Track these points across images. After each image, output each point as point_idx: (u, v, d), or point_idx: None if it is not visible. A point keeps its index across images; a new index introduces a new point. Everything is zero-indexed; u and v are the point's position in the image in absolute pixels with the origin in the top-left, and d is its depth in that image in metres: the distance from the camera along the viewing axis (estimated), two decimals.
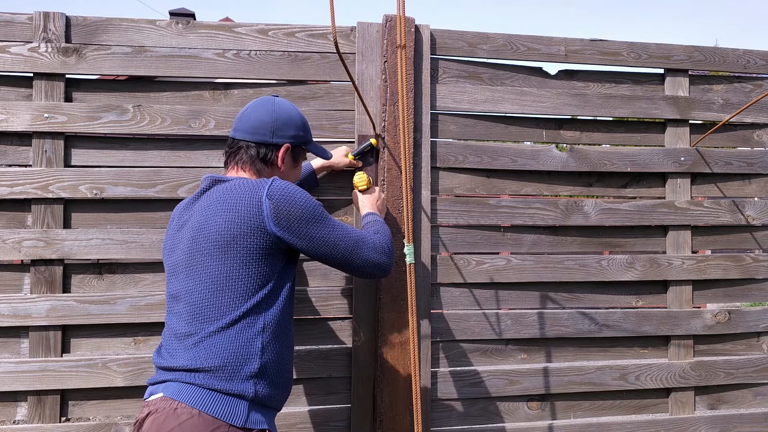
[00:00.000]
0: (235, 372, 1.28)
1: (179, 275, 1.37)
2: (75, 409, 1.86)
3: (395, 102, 1.95)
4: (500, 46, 2.08)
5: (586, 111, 2.14)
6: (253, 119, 1.46)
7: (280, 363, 1.37)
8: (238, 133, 1.47)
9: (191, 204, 1.44)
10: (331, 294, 1.96)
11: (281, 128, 1.47)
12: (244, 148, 1.46)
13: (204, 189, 1.43)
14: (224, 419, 1.23)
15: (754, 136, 2.27)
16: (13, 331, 1.84)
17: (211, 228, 1.32)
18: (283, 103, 1.52)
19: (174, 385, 1.27)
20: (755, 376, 2.21)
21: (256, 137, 1.45)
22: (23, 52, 1.84)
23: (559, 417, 2.10)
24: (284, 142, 1.48)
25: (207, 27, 1.94)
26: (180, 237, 1.40)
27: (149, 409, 1.26)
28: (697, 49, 2.21)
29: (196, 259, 1.33)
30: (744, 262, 2.23)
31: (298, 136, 1.51)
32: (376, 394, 1.93)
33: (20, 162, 1.86)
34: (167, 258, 1.43)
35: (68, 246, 1.84)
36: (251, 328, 1.31)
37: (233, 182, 1.38)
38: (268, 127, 1.46)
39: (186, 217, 1.42)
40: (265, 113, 1.47)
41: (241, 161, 1.46)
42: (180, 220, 1.44)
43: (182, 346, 1.31)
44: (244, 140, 1.46)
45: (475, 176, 2.08)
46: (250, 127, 1.46)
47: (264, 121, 1.46)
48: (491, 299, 2.07)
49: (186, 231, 1.38)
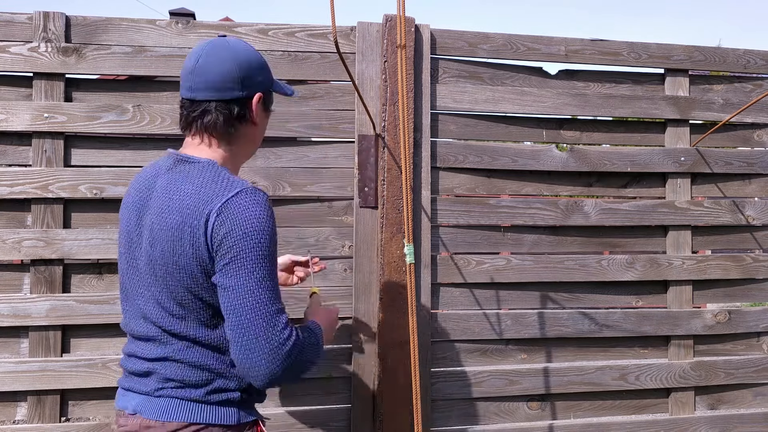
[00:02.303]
0: (219, 386, 1.21)
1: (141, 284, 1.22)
2: (75, 409, 1.86)
3: (395, 102, 1.95)
4: (500, 46, 2.08)
5: (586, 111, 2.14)
6: (213, 71, 1.20)
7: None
8: (199, 93, 1.21)
9: (152, 182, 1.24)
10: (331, 294, 1.96)
11: (249, 75, 1.23)
12: (211, 110, 1.21)
13: (168, 167, 1.24)
14: (217, 422, 1.20)
15: (754, 136, 2.27)
16: (13, 331, 1.83)
17: (162, 239, 1.16)
18: (239, 43, 1.26)
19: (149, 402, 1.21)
20: (755, 376, 2.21)
21: (224, 94, 1.21)
22: (23, 51, 1.84)
23: (559, 417, 2.10)
24: (256, 91, 1.25)
25: (207, 27, 1.94)
26: (140, 233, 1.22)
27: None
28: (698, 49, 2.21)
29: (156, 266, 1.18)
30: (744, 262, 2.23)
31: (267, 79, 1.29)
32: (376, 394, 1.93)
33: (20, 162, 1.86)
34: (125, 249, 1.26)
35: (68, 246, 1.84)
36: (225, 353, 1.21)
37: (193, 172, 1.19)
38: (235, 77, 1.21)
39: (145, 199, 1.23)
40: (227, 61, 1.21)
41: (211, 127, 1.22)
42: (138, 198, 1.25)
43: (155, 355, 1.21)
44: (208, 100, 1.21)
45: (475, 176, 2.08)
46: (212, 83, 1.20)
47: (228, 70, 1.21)
48: (491, 299, 2.07)
49: (145, 230, 1.21)
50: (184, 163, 1.22)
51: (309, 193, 1.96)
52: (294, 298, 1.93)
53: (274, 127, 1.93)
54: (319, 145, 1.99)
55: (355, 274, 1.95)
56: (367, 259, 1.95)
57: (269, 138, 1.94)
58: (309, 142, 2.01)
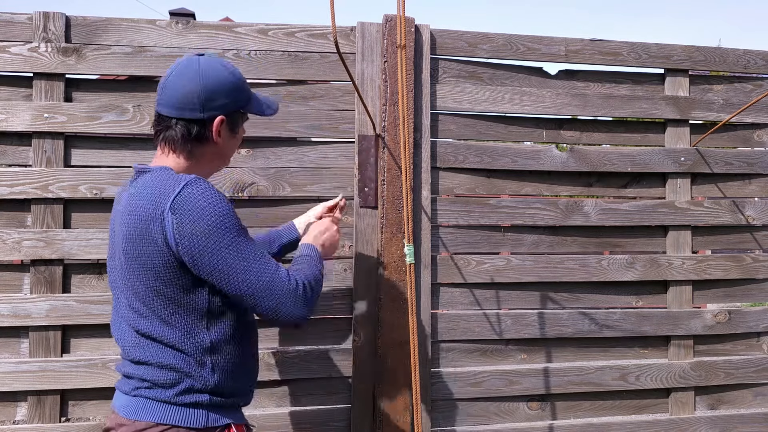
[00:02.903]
0: (187, 386, 1.23)
1: (118, 289, 1.30)
2: (75, 409, 1.86)
3: (395, 102, 1.95)
4: (500, 46, 2.08)
5: (586, 111, 2.14)
6: (178, 90, 1.25)
7: (239, 371, 1.31)
8: (163, 108, 1.27)
9: (121, 195, 1.32)
10: (331, 294, 1.96)
11: (212, 98, 1.26)
12: (172, 126, 1.26)
13: (132, 180, 1.31)
14: (183, 424, 1.22)
15: (754, 136, 2.27)
16: (13, 331, 1.83)
17: (124, 242, 1.22)
18: (209, 65, 1.28)
19: (126, 400, 1.26)
20: (755, 377, 2.21)
21: (184, 113, 1.25)
22: (23, 52, 1.84)
23: (559, 417, 2.10)
24: (217, 114, 1.27)
25: (207, 27, 1.94)
26: (114, 243, 1.31)
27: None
28: (698, 49, 2.21)
29: (124, 269, 1.24)
30: (744, 262, 2.23)
31: (233, 102, 1.30)
32: (376, 394, 1.93)
33: (20, 162, 1.86)
34: (109, 260, 1.34)
35: (68, 246, 1.84)
36: (197, 348, 1.24)
37: (147, 179, 1.24)
38: (196, 98, 1.24)
39: (115, 213, 1.31)
40: (191, 81, 1.25)
41: (170, 140, 1.27)
42: (113, 213, 1.34)
43: (129, 356, 1.28)
44: (170, 116, 1.26)
45: (475, 176, 2.08)
46: (175, 101, 1.25)
47: (191, 91, 1.24)
48: (491, 299, 2.07)
49: (117, 239, 1.28)
50: (143, 174, 1.29)
51: (309, 193, 1.96)
52: None
53: (274, 127, 1.94)
54: (319, 145, 1.99)
55: (355, 274, 1.95)
56: (367, 259, 1.95)
57: (269, 138, 1.95)
58: (309, 142, 2.01)
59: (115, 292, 1.32)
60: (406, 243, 1.61)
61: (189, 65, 1.28)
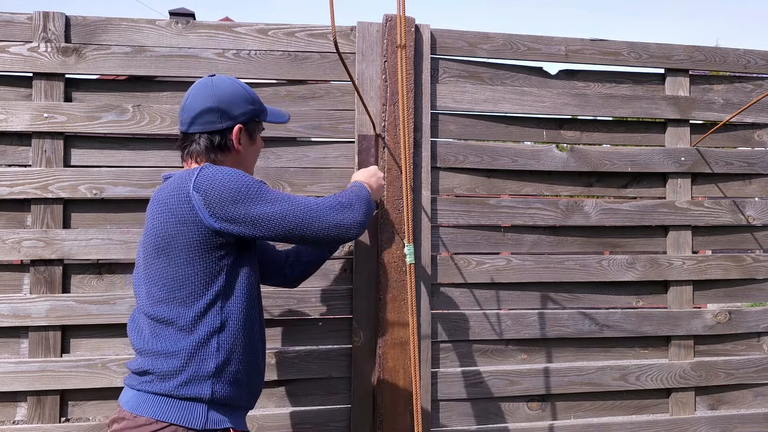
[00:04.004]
0: (190, 375, 1.27)
1: (138, 276, 1.38)
2: (75, 409, 1.86)
3: (395, 102, 1.95)
4: (500, 46, 2.08)
5: (586, 111, 2.14)
6: (196, 108, 1.40)
7: (243, 361, 1.34)
8: (186, 127, 1.41)
9: (152, 200, 1.42)
10: (331, 294, 1.96)
11: (228, 108, 1.41)
12: (195, 140, 1.41)
13: (161, 188, 1.41)
14: (181, 423, 1.24)
15: (754, 136, 2.27)
16: (13, 331, 1.83)
17: (152, 231, 1.32)
18: (221, 81, 1.44)
19: (131, 395, 1.30)
20: (756, 377, 2.21)
21: (205, 127, 1.39)
22: (23, 51, 1.84)
23: (560, 417, 2.10)
24: (235, 124, 1.42)
25: (207, 27, 1.94)
26: (143, 242, 1.40)
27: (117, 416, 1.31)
28: (698, 49, 2.21)
29: (148, 262, 1.33)
30: (744, 263, 2.22)
31: (248, 112, 1.45)
32: (376, 394, 1.93)
33: (20, 162, 1.86)
34: (136, 264, 1.44)
35: (68, 246, 1.84)
36: (205, 328, 1.29)
37: (171, 179, 1.36)
38: (213, 111, 1.39)
39: (148, 215, 1.40)
40: (207, 98, 1.40)
41: (195, 153, 1.41)
42: (147, 215, 1.42)
43: (139, 348, 1.33)
44: (193, 132, 1.40)
45: (475, 176, 2.08)
46: (196, 117, 1.40)
47: (208, 107, 1.39)
48: (491, 299, 2.07)
49: (146, 234, 1.37)
50: (168, 179, 1.40)
51: (309, 193, 1.96)
52: (294, 298, 1.93)
53: (274, 127, 1.93)
54: (318, 145, 1.99)
55: (355, 274, 1.95)
56: (367, 259, 1.95)
57: (269, 138, 1.94)
58: (309, 142, 2.01)
59: (137, 291, 1.38)
60: (407, 243, 1.61)
61: (202, 85, 1.43)
